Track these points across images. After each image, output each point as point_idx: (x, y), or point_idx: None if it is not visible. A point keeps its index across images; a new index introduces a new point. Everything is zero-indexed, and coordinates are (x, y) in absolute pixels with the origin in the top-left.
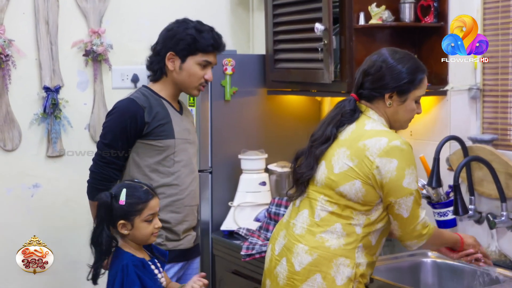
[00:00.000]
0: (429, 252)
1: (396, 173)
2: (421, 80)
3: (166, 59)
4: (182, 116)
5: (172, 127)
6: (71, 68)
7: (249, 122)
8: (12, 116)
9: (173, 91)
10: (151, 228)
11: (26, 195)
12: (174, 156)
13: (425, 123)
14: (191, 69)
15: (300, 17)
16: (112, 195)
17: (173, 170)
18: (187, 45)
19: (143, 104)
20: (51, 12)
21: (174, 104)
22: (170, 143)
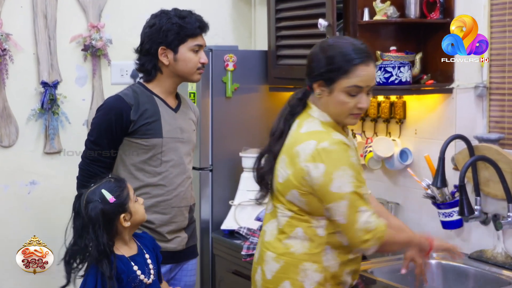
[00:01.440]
0: (434, 253)
1: (323, 178)
2: (350, 70)
3: (159, 55)
4: (177, 114)
5: (161, 125)
6: (69, 63)
7: (251, 119)
8: (9, 111)
9: (169, 87)
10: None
11: (23, 192)
12: (161, 155)
13: (430, 122)
14: (185, 57)
15: (303, 12)
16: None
17: (160, 170)
18: (175, 34)
19: (130, 101)
20: (49, 6)
21: (168, 101)
22: (156, 142)
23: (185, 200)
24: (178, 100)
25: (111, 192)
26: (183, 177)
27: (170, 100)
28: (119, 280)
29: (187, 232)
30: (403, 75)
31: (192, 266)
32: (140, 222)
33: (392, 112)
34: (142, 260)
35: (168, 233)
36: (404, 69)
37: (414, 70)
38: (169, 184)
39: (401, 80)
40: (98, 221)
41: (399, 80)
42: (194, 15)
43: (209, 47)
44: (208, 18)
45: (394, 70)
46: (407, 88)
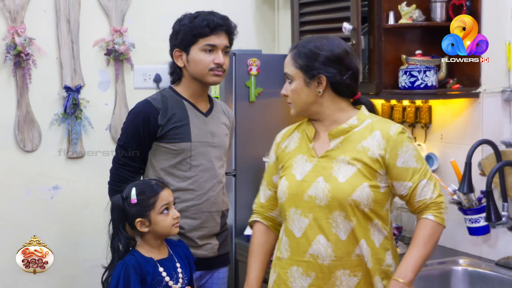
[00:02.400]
0: (460, 259)
1: None
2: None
3: (174, 57)
4: (208, 118)
5: (190, 129)
6: (92, 68)
7: (274, 124)
8: (32, 116)
9: (196, 90)
10: (169, 219)
11: (46, 197)
12: (191, 160)
13: (457, 127)
14: (196, 58)
15: (327, 16)
16: (123, 197)
17: (189, 175)
18: (184, 35)
19: (158, 106)
20: (72, 10)
21: (199, 105)
22: (185, 146)
23: (216, 205)
24: (211, 104)
25: (138, 194)
26: (214, 181)
27: (201, 104)
28: (143, 281)
29: (219, 239)
30: (429, 79)
31: (223, 274)
32: (164, 234)
33: (417, 116)
34: (171, 265)
35: (198, 239)
36: (430, 73)
37: (440, 74)
38: (199, 189)
39: (427, 85)
40: (113, 213)
41: (424, 84)
42: (209, 15)
43: (232, 51)
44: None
45: (420, 74)
46: (433, 92)
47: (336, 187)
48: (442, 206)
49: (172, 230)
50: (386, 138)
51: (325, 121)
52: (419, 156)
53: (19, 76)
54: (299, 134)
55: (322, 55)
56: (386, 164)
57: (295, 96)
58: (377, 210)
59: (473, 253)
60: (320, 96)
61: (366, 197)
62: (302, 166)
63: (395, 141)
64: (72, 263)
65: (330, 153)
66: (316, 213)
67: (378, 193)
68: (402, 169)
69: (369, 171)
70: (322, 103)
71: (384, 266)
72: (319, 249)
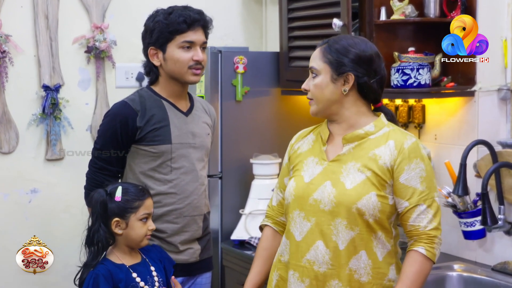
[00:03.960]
0: (455, 265)
1: None
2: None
3: (149, 56)
4: (188, 117)
5: (170, 131)
6: (72, 66)
7: (262, 124)
8: (9, 116)
9: (175, 89)
10: (145, 229)
11: (24, 201)
12: (171, 162)
13: (451, 126)
14: (174, 55)
15: (316, 12)
16: (107, 192)
17: (170, 178)
18: (159, 33)
19: (136, 107)
20: (50, 5)
21: (179, 104)
22: (165, 148)
23: (198, 208)
24: (191, 103)
25: (124, 193)
26: (196, 184)
27: (181, 103)
28: None
29: (201, 244)
30: (422, 77)
31: (206, 280)
32: (135, 241)
33: (410, 116)
34: (145, 270)
35: (180, 244)
36: (423, 71)
37: (433, 72)
38: (181, 192)
39: (420, 83)
40: (96, 208)
41: (418, 82)
42: (185, 10)
43: (218, 48)
44: (217, 18)
45: (413, 72)
46: (426, 91)
47: (342, 193)
48: (435, 240)
49: (143, 241)
50: (398, 149)
51: (343, 124)
52: (428, 179)
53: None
54: (313, 136)
55: (353, 52)
56: (393, 177)
57: (318, 91)
58: (382, 222)
59: (469, 258)
60: (344, 96)
61: (373, 207)
62: (312, 168)
63: (406, 154)
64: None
65: (341, 158)
66: (319, 217)
67: (386, 204)
68: (403, 186)
69: (379, 180)
70: (344, 103)
71: (386, 281)
72: (316, 255)
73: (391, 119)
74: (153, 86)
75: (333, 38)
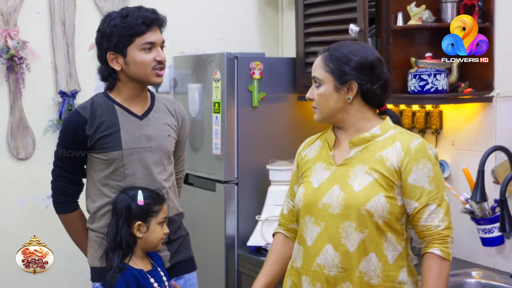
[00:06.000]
0: (473, 272)
1: None
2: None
3: (109, 61)
4: (143, 121)
5: (120, 136)
6: (88, 72)
7: (278, 130)
8: (26, 122)
9: (131, 93)
10: (162, 232)
11: (40, 207)
12: (124, 169)
13: (469, 132)
14: (136, 58)
15: (333, 17)
16: (129, 196)
17: (124, 184)
18: (118, 36)
19: (86, 115)
20: (67, 12)
21: (133, 108)
22: (116, 155)
23: None
24: (151, 105)
25: (145, 198)
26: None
27: (137, 106)
28: None
29: (171, 249)
30: (440, 83)
31: (189, 281)
32: (152, 244)
33: (427, 122)
34: (158, 275)
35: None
36: (441, 77)
37: (451, 77)
38: None
39: (437, 88)
40: (122, 212)
41: (435, 88)
42: (140, 10)
43: (234, 54)
44: (233, 23)
45: (430, 77)
46: (443, 96)
47: (350, 196)
48: (448, 240)
49: (159, 244)
50: (405, 150)
51: (349, 130)
52: (436, 179)
53: (12, 80)
54: (320, 142)
55: (355, 60)
56: (401, 178)
57: (323, 100)
58: (392, 223)
59: (487, 264)
60: (349, 103)
61: (381, 208)
62: (320, 174)
63: (413, 155)
64: (68, 276)
65: (349, 161)
66: (328, 221)
67: (395, 205)
68: (412, 186)
69: (386, 181)
70: (349, 110)
71: (397, 284)
72: (326, 258)
73: (397, 121)
74: (109, 91)
75: (333, 45)
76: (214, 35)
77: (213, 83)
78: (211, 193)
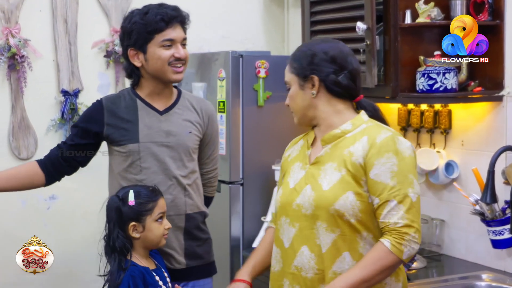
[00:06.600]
0: (483, 274)
1: None
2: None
3: (130, 57)
4: (163, 116)
5: (138, 129)
6: (91, 70)
7: (284, 129)
8: (28, 122)
9: (154, 88)
10: (161, 229)
11: (42, 208)
12: (140, 162)
13: (478, 132)
14: (155, 54)
15: (340, 15)
16: (119, 198)
17: (140, 178)
18: (138, 34)
19: (108, 104)
20: (69, 9)
21: (156, 103)
22: (133, 147)
23: (175, 208)
24: (175, 101)
25: (137, 196)
26: (169, 183)
27: (158, 102)
28: None
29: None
30: (449, 81)
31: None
32: (153, 242)
33: (436, 121)
34: (162, 274)
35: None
36: (450, 76)
37: (460, 76)
38: None
39: (446, 87)
40: (111, 216)
41: (444, 87)
42: (160, 7)
43: (239, 52)
44: (238, 21)
45: (439, 76)
46: (452, 96)
47: (320, 196)
48: (405, 238)
49: (161, 241)
50: (370, 144)
51: (321, 126)
52: (400, 174)
53: (14, 79)
54: (302, 141)
55: (311, 54)
56: (365, 172)
57: (292, 102)
58: (367, 221)
59: (497, 267)
60: (314, 98)
61: (351, 206)
62: (297, 173)
63: (377, 149)
64: (70, 277)
65: (320, 160)
66: (302, 222)
67: (365, 203)
68: (373, 181)
69: (354, 178)
70: (317, 106)
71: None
72: (302, 260)
73: (374, 115)
74: (135, 87)
75: (297, 47)
76: (218, 33)
77: (218, 82)
78: (216, 194)
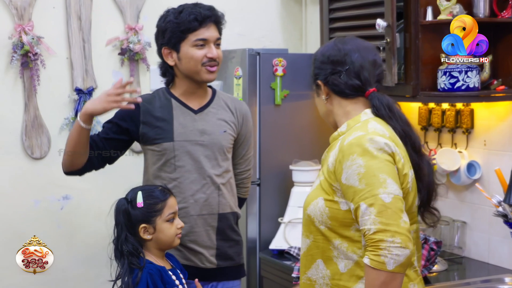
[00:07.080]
0: (506, 278)
1: None
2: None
3: (163, 56)
4: (198, 115)
5: (172, 128)
6: (105, 68)
7: (302, 129)
8: (41, 120)
9: (188, 88)
10: (173, 229)
11: (55, 208)
12: (174, 160)
13: (501, 132)
14: (188, 54)
15: (359, 12)
16: (127, 200)
17: (174, 176)
18: (171, 33)
19: (143, 105)
20: (83, 6)
21: (190, 102)
22: (167, 146)
23: (208, 207)
24: (210, 100)
25: (144, 197)
26: (203, 182)
27: (194, 101)
28: None
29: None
30: (471, 80)
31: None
32: (167, 243)
33: (458, 121)
34: (178, 275)
35: (190, 242)
36: (472, 74)
37: (483, 74)
38: (185, 191)
39: (469, 86)
40: (119, 219)
41: (466, 86)
42: (194, 7)
43: (256, 50)
44: (255, 19)
45: (461, 75)
46: (475, 94)
47: (305, 200)
48: (381, 246)
49: (175, 241)
50: (340, 148)
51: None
52: (367, 175)
53: (27, 77)
54: None
55: (315, 60)
56: (337, 179)
57: (319, 111)
58: (339, 230)
59: None
60: (327, 103)
61: (320, 212)
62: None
63: (344, 152)
64: (83, 279)
65: (322, 163)
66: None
67: (336, 210)
68: (345, 186)
69: (326, 184)
70: (332, 110)
71: None
72: (299, 266)
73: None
74: (170, 86)
75: None
76: (235, 30)
77: (234, 80)
78: None
